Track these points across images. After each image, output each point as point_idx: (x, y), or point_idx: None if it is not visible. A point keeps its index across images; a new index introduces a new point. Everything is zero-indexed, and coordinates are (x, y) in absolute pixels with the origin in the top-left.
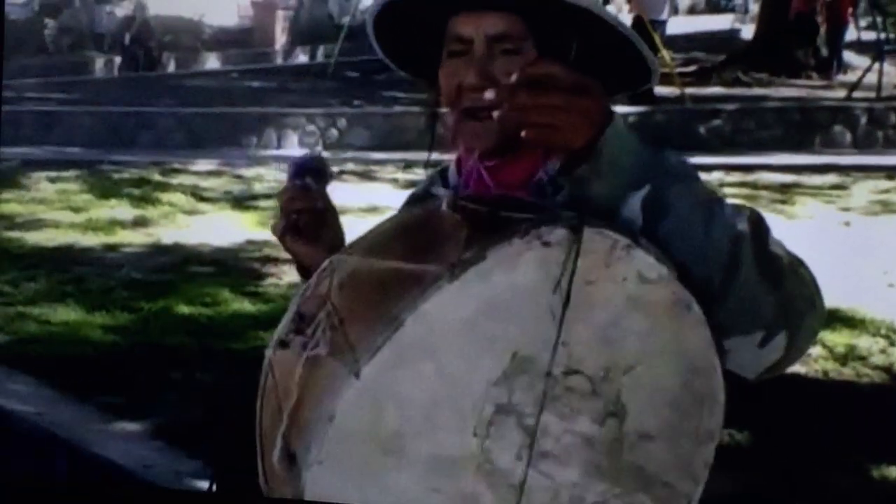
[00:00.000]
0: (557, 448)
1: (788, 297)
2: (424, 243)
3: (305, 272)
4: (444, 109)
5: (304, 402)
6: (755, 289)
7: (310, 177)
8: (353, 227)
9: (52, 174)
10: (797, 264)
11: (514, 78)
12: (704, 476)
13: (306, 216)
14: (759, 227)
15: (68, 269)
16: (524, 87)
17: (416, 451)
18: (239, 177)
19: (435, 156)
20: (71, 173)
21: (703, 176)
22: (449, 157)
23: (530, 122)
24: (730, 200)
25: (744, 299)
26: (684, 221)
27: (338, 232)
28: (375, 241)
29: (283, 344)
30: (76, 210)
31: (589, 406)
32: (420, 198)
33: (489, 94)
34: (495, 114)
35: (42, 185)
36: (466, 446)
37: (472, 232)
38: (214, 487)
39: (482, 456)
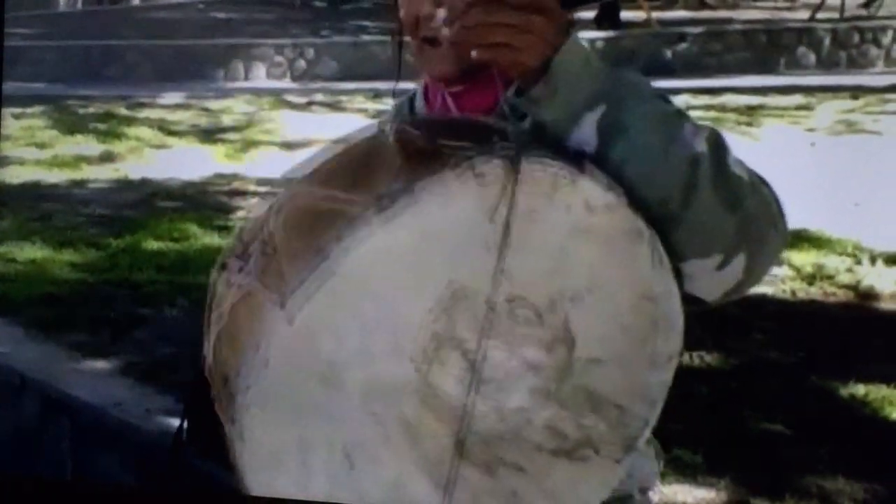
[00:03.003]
0: (501, 374)
1: (748, 218)
2: (361, 173)
3: None
4: (408, 38)
5: (237, 327)
6: (713, 211)
7: None
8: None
9: (16, 110)
10: (759, 184)
11: None
12: (662, 397)
13: None
14: (718, 147)
15: (34, 207)
16: (476, 7)
17: (351, 379)
18: (206, 109)
19: (402, 85)
20: (35, 109)
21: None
22: (416, 86)
23: (482, 42)
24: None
25: (701, 222)
26: (640, 142)
27: None
28: (319, 171)
29: (223, 266)
30: (41, 146)
31: (534, 334)
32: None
33: (440, 14)
34: (444, 31)
35: (6, 121)
36: (404, 374)
37: (406, 161)
38: (186, 425)
39: (422, 383)
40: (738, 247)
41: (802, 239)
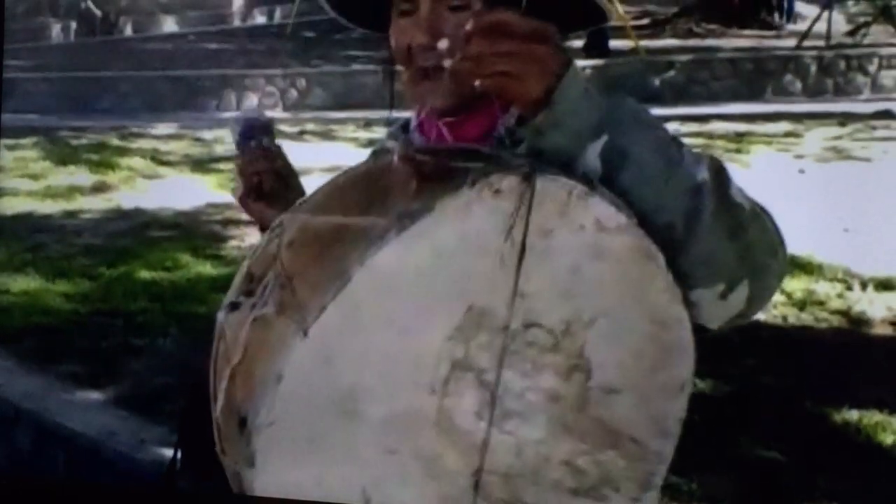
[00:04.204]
0: (520, 405)
1: (750, 247)
2: (373, 197)
3: None
4: (399, 67)
5: (253, 364)
6: (716, 239)
7: (261, 135)
8: (315, 187)
9: (10, 142)
10: (760, 213)
11: (468, 26)
12: (677, 432)
13: (267, 177)
14: (720, 175)
15: (27, 238)
16: (478, 36)
17: (370, 410)
18: (199, 139)
19: (396, 113)
20: (28, 140)
21: None
22: (409, 114)
23: (485, 71)
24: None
25: (705, 250)
26: (644, 171)
27: (298, 189)
28: (325, 197)
29: (233, 306)
30: (34, 177)
31: (551, 361)
32: (383, 150)
33: (442, 44)
34: (446, 63)
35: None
36: (423, 404)
37: (421, 183)
38: (179, 454)
39: (440, 415)
40: (740, 275)
41: (793, 265)
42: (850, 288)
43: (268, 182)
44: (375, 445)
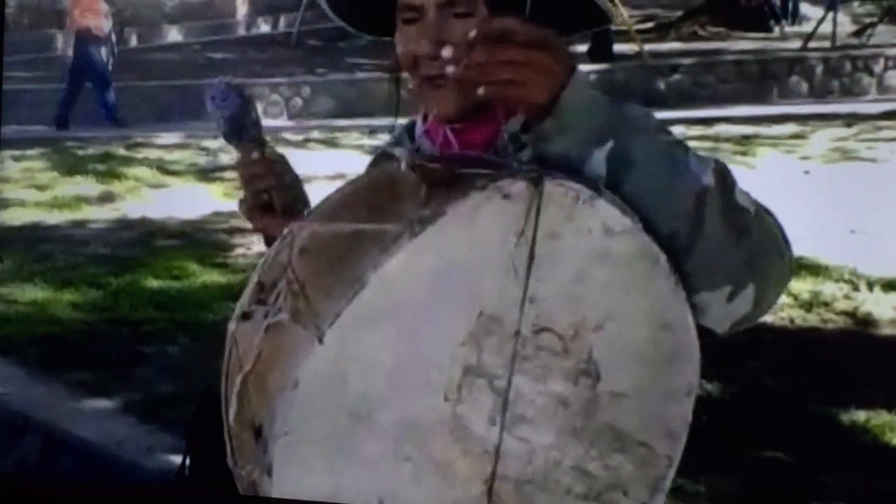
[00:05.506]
0: (531, 411)
1: (755, 250)
2: (383, 204)
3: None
4: (405, 74)
5: (267, 372)
6: (721, 243)
7: (252, 127)
8: (321, 195)
9: (16, 153)
10: (765, 216)
11: (471, 34)
12: (684, 434)
13: (276, 193)
14: (725, 179)
15: (34, 248)
16: (482, 44)
17: (384, 417)
18: (204, 149)
19: (400, 121)
20: (35, 151)
21: None
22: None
23: (489, 79)
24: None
25: (710, 254)
26: (649, 176)
27: (304, 199)
28: (335, 205)
29: (245, 316)
30: (41, 188)
31: (561, 365)
32: (387, 155)
33: (446, 52)
34: (450, 70)
35: (6, 163)
36: (437, 411)
37: (430, 189)
38: (188, 462)
39: (454, 421)
40: (746, 278)
41: (799, 266)
42: (856, 289)
43: (279, 199)
44: (390, 452)
